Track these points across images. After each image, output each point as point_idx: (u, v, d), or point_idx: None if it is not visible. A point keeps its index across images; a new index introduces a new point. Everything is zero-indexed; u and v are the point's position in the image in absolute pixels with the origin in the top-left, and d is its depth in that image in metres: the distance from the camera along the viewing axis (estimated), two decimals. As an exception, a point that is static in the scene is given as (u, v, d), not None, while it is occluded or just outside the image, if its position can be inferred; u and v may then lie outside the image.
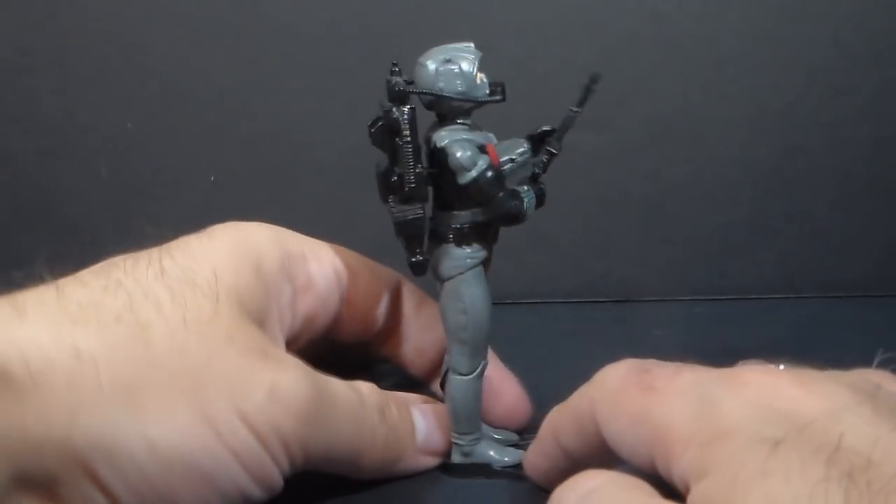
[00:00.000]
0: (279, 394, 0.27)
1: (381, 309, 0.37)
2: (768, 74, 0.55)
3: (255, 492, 0.27)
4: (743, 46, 0.54)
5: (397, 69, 0.31)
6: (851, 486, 0.19)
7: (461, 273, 0.33)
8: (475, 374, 0.34)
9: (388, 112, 0.30)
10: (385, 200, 0.31)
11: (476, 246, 0.33)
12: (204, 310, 0.27)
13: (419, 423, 0.34)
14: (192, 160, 0.55)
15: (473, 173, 0.31)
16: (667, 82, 0.54)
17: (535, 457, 0.33)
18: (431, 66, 0.31)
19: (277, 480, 0.28)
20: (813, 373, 0.25)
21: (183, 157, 0.55)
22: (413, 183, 0.30)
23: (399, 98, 0.30)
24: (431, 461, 0.34)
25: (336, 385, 0.30)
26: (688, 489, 0.23)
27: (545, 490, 0.31)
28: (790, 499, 0.19)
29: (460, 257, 0.33)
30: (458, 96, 0.31)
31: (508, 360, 0.38)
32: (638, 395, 0.27)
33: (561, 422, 0.31)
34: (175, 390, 0.25)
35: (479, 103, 0.32)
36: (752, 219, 0.57)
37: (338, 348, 0.37)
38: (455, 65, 0.31)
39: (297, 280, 0.33)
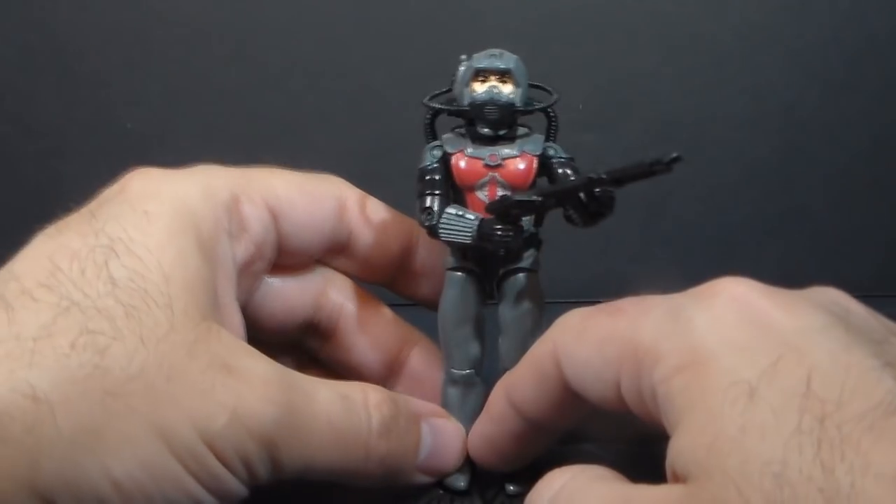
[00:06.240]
0: (241, 417, 0.26)
1: (325, 231, 0.34)
2: (768, 74, 0.55)
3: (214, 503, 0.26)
4: (743, 46, 0.54)
5: None
6: (823, 435, 0.20)
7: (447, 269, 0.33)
8: (447, 378, 0.33)
9: None
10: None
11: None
12: (160, 323, 0.26)
13: (426, 439, 0.31)
14: (192, 160, 0.55)
15: None
16: (667, 82, 0.54)
17: (483, 426, 0.31)
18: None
19: (240, 495, 0.27)
20: (784, 290, 0.25)
21: (183, 157, 0.55)
22: None
23: None
24: (428, 479, 0.32)
25: (319, 395, 0.28)
26: (656, 406, 0.24)
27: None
28: (767, 459, 0.20)
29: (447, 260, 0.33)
30: None
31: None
32: (604, 318, 0.26)
33: (516, 376, 0.30)
34: (136, 421, 0.24)
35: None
36: (752, 219, 0.57)
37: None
38: None
39: (232, 227, 0.31)
